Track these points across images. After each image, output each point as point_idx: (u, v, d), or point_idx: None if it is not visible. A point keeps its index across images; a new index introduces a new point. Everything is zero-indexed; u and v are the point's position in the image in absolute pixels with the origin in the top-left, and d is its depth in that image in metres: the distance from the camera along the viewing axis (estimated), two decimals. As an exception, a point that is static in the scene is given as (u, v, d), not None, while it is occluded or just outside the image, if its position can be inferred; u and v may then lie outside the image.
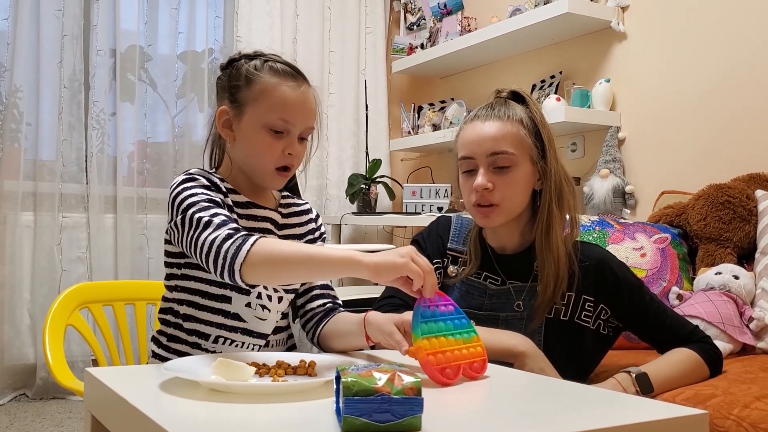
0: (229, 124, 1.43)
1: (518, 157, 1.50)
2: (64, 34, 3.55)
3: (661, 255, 2.27)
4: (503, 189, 1.50)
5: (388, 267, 1.14)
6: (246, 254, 1.20)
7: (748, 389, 1.47)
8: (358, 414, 0.82)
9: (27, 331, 3.45)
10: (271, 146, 1.39)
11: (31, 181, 3.49)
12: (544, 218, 1.51)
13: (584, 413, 0.96)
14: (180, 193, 1.36)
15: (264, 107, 1.38)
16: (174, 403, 0.97)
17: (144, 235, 3.74)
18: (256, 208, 1.47)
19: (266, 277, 1.30)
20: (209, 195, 1.35)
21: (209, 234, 1.26)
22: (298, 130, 1.41)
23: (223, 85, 1.45)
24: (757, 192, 2.30)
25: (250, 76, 1.40)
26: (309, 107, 1.42)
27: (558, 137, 3.43)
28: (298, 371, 1.15)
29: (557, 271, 1.50)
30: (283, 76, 1.40)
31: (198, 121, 3.91)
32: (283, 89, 1.39)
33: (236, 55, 1.47)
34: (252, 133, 1.40)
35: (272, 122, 1.38)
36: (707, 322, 1.94)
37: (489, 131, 1.51)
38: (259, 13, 4.00)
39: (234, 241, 1.23)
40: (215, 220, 1.29)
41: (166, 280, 1.50)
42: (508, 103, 1.55)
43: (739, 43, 2.66)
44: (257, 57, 1.44)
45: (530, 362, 1.36)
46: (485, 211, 1.52)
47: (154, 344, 1.50)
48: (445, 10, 3.93)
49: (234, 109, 1.42)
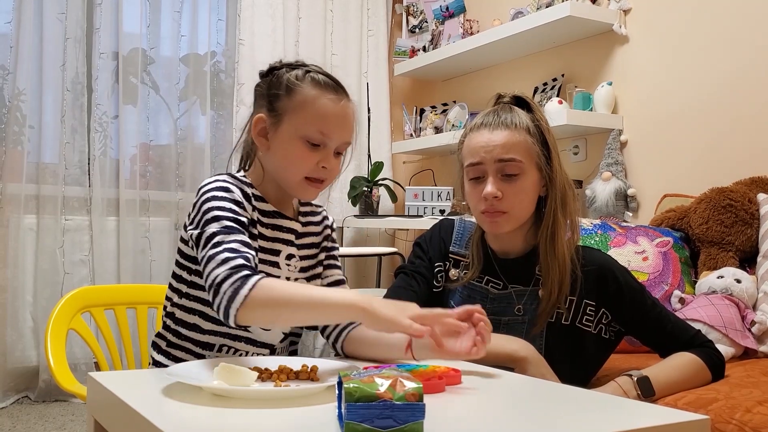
0: (264, 133, 1.39)
1: (526, 164, 1.51)
2: (67, 37, 3.55)
3: (663, 258, 2.27)
4: (512, 197, 1.50)
5: (389, 322, 1.13)
6: (243, 299, 1.18)
7: (750, 393, 1.47)
8: (360, 420, 0.82)
9: (30, 333, 3.46)
10: (306, 158, 1.36)
11: (33, 184, 3.49)
12: (549, 224, 1.52)
13: (585, 418, 0.96)
14: (209, 200, 1.33)
15: (303, 118, 1.35)
16: (176, 407, 0.97)
17: (146, 238, 3.74)
18: (282, 219, 1.44)
19: (263, 322, 1.29)
20: (236, 214, 1.32)
21: (215, 268, 1.23)
22: (334, 144, 1.37)
23: (262, 92, 1.42)
24: (759, 195, 2.29)
25: (291, 86, 1.37)
26: (348, 122, 1.39)
27: (560, 140, 3.44)
28: (301, 376, 1.15)
29: (561, 277, 1.50)
30: (325, 88, 1.37)
31: (200, 123, 3.91)
32: (323, 101, 1.35)
33: (277, 64, 1.43)
34: (288, 143, 1.36)
35: (310, 134, 1.35)
36: (709, 326, 1.94)
37: (498, 139, 1.51)
38: (262, 16, 4.00)
39: (233, 283, 1.19)
40: (228, 248, 1.24)
41: (175, 280, 1.46)
42: (512, 109, 1.55)
43: (741, 46, 2.66)
44: (299, 67, 1.40)
45: (531, 368, 1.36)
46: (494, 217, 1.52)
47: (154, 349, 1.48)
48: (447, 12, 3.93)
49: (271, 117, 1.38)
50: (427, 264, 1.64)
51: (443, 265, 1.64)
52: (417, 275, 1.63)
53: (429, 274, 1.63)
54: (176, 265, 1.45)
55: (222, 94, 4.04)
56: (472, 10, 3.90)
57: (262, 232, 1.40)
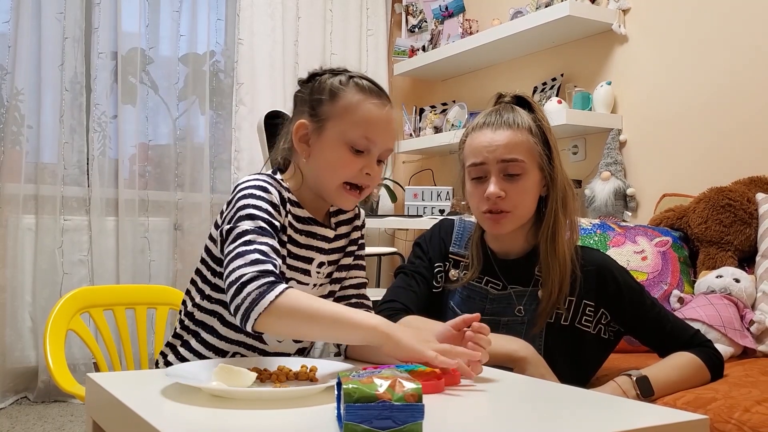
0: (306, 139, 1.36)
1: (528, 164, 1.51)
2: (66, 37, 3.55)
3: (662, 258, 2.27)
4: (514, 197, 1.51)
5: (413, 351, 1.12)
6: (268, 304, 1.15)
7: (749, 393, 1.47)
8: (359, 420, 0.82)
9: (29, 334, 3.46)
10: (350, 163, 1.32)
11: (32, 184, 3.49)
12: (550, 224, 1.52)
13: (584, 418, 0.96)
14: (246, 197, 1.30)
15: (347, 123, 1.32)
16: (175, 409, 0.97)
17: (145, 238, 3.74)
18: (317, 226, 1.41)
19: (282, 331, 1.27)
20: (270, 216, 1.29)
21: (243, 266, 1.20)
22: (378, 150, 1.34)
23: (304, 98, 1.38)
24: (757, 195, 2.30)
25: (335, 91, 1.34)
26: (391, 127, 1.37)
27: (559, 140, 3.43)
28: (300, 377, 1.15)
29: (562, 277, 1.50)
30: (369, 94, 1.34)
31: (199, 123, 3.91)
32: (368, 106, 1.33)
33: (318, 70, 1.41)
34: (331, 149, 1.33)
35: (354, 139, 1.32)
36: (708, 326, 1.94)
37: (500, 139, 1.51)
38: (261, 16, 4.00)
39: (260, 286, 1.17)
40: (259, 250, 1.22)
41: (200, 279, 1.42)
42: (514, 109, 1.55)
43: (740, 46, 2.66)
44: (342, 73, 1.38)
45: (530, 368, 1.36)
46: (496, 217, 1.52)
47: (169, 349, 1.44)
48: (447, 12, 3.93)
49: (314, 123, 1.35)
50: (427, 264, 1.64)
51: (443, 266, 1.64)
52: (417, 275, 1.63)
53: (429, 274, 1.63)
54: (201, 263, 1.42)
55: (221, 94, 4.04)
56: (471, 10, 3.90)
57: (295, 239, 1.38)
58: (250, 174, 1.38)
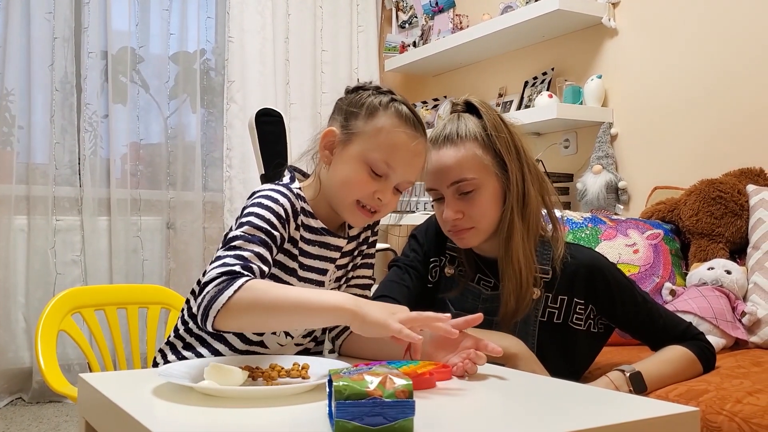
0: (331, 147, 1.35)
1: (480, 178, 1.47)
2: (55, 37, 3.54)
3: (654, 251, 2.28)
4: (472, 213, 1.48)
5: (378, 326, 1.11)
6: (226, 300, 1.13)
7: (740, 384, 1.48)
8: (350, 417, 0.82)
9: (22, 334, 3.45)
10: (364, 183, 1.31)
11: (24, 185, 3.48)
12: (504, 230, 1.48)
13: (576, 412, 0.96)
14: (252, 206, 1.30)
15: (373, 144, 1.30)
16: (167, 408, 0.97)
17: (138, 237, 3.73)
18: (330, 236, 1.39)
19: (243, 328, 1.27)
20: (270, 228, 1.27)
21: (213, 269, 1.19)
22: (396, 179, 1.32)
23: (341, 107, 1.37)
24: (748, 187, 2.30)
25: (373, 110, 1.32)
26: (417, 162, 1.34)
27: (551, 134, 3.45)
28: (292, 374, 1.15)
29: (519, 285, 1.47)
30: (405, 122, 1.31)
31: (191, 122, 3.91)
32: (398, 133, 1.30)
33: (367, 84, 1.39)
34: (350, 164, 1.31)
35: (375, 161, 1.29)
36: (700, 318, 1.95)
37: (446, 161, 1.47)
38: (251, 13, 3.99)
39: (219, 284, 1.15)
40: (238, 255, 1.21)
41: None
42: (461, 117, 1.52)
43: (730, 38, 2.66)
44: (387, 93, 1.35)
45: (522, 364, 1.36)
46: (460, 234, 1.50)
47: (169, 348, 1.43)
48: (437, 7, 3.93)
49: (343, 134, 1.33)
50: (422, 258, 1.61)
51: (439, 261, 1.61)
52: (411, 269, 1.60)
53: (423, 268, 1.60)
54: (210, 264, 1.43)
55: (212, 92, 4.04)
56: (461, 5, 3.90)
57: (308, 250, 1.36)
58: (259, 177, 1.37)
